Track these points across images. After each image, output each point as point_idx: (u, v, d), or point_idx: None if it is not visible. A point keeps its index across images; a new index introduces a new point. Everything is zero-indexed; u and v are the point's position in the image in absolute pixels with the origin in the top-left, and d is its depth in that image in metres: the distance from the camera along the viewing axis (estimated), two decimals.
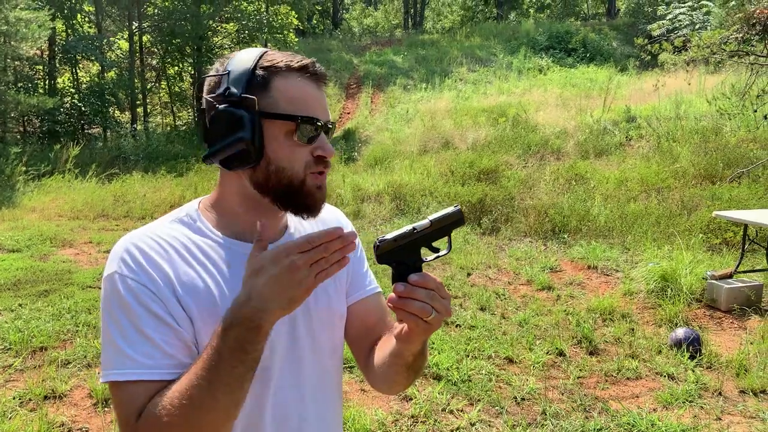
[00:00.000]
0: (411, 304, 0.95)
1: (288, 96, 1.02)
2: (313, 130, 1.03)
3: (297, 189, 1.03)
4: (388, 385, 1.20)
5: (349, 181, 10.26)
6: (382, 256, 0.95)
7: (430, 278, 0.96)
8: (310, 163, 1.03)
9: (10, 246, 7.29)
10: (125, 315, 0.97)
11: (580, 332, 4.63)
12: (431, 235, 0.96)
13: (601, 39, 24.79)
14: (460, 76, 21.08)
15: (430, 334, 1.01)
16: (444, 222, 0.96)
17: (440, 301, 0.96)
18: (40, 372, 3.93)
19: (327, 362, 1.17)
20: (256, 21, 20.45)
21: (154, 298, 0.98)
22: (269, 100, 1.01)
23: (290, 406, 1.10)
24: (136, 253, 1.00)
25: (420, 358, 1.11)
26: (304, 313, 1.11)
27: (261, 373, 1.05)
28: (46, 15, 15.16)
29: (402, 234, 0.95)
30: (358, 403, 3.60)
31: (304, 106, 1.02)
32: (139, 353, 0.95)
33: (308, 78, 1.05)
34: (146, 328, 0.96)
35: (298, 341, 1.11)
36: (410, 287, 0.95)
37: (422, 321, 0.96)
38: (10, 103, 14.78)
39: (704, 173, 8.86)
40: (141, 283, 0.98)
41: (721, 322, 4.95)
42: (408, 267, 0.97)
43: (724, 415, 3.55)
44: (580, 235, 7.46)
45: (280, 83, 1.02)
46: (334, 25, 38.05)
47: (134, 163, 14.30)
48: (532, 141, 11.81)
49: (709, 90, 11.99)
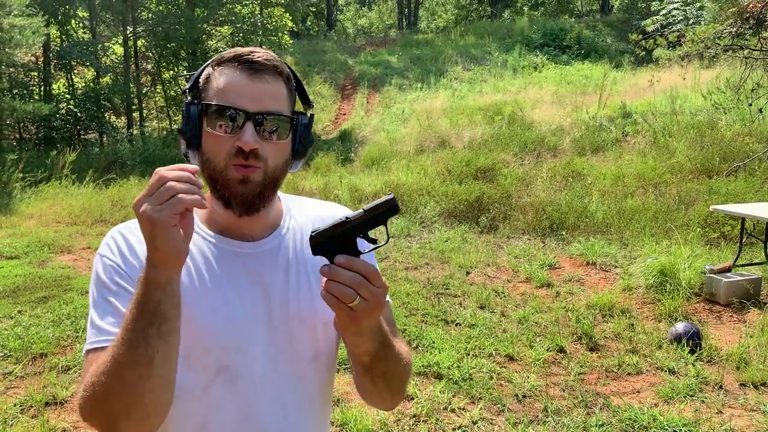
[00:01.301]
0: (333, 287, 0.90)
1: (216, 87, 1.03)
2: (229, 120, 1.00)
3: (219, 180, 1.03)
4: (363, 391, 1.14)
5: (346, 182, 10.26)
6: (316, 247, 0.93)
7: (360, 261, 0.90)
8: (230, 154, 1.00)
9: (9, 253, 7.27)
10: (99, 290, 1.04)
11: (580, 328, 4.63)
12: (365, 224, 0.93)
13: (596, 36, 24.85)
14: (455, 75, 21.10)
15: (359, 324, 0.94)
16: (377, 210, 0.92)
17: (368, 287, 0.90)
18: (40, 378, 3.92)
19: (306, 369, 1.13)
20: (251, 24, 20.44)
21: (125, 277, 1.03)
22: (205, 94, 1.04)
23: (256, 407, 1.08)
24: (119, 239, 1.07)
25: (381, 363, 1.04)
26: (284, 315, 1.09)
27: (221, 371, 1.06)
28: (40, 21, 15.10)
29: (335, 224, 0.92)
30: (359, 403, 3.60)
31: (225, 96, 1.01)
32: (107, 322, 1.00)
33: (239, 68, 1.02)
34: (113, 298, 1.02)
35: (274, 343, 1.09)
36: (334, 268, 0.90)
37: (346, 306, 0.90)
38: (5, 110, 14.75)
39: (701, 168, 8.88)
40: (116, 263, 1.04)
41: (721, 315, 4.96)
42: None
43: (725, 408, 3.56)
44: (578, 231, 7.47)
45: (215, 76, 1.04)
46: (329, 26, 38.04)
47: (131, 168, 14.28)
48: (529, 139, 11.82)
49: (704, 84, 12.03)
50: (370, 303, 0.91)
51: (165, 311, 0.90)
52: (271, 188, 1.06)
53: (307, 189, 10.04)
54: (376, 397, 1.14)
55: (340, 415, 3.42)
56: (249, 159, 1.00)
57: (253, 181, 1.02)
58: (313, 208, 1.24)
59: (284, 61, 1.10)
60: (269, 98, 1.02)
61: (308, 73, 22.32)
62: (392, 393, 1.13)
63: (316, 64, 24.08)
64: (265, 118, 1.01)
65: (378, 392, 1.11)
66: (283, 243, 1.14)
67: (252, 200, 1.03)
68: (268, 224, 1.13)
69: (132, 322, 0.90)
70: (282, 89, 1.05)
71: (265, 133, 1.01)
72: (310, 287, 1.13)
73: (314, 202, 1.27)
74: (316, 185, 10.34)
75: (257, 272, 1.10)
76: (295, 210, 1.21)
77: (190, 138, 1.04)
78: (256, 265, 1.10)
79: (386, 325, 1.04)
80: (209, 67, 1.06)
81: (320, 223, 1.18)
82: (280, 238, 1.14)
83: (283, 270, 1.12)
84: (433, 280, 5.94)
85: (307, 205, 1.24)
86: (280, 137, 1.04)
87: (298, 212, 1.21)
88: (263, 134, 1.01)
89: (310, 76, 22.15)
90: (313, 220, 1.20)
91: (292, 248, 1.14)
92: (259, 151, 1.00)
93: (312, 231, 0.93)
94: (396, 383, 1.12)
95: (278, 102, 1.03)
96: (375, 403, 1.19)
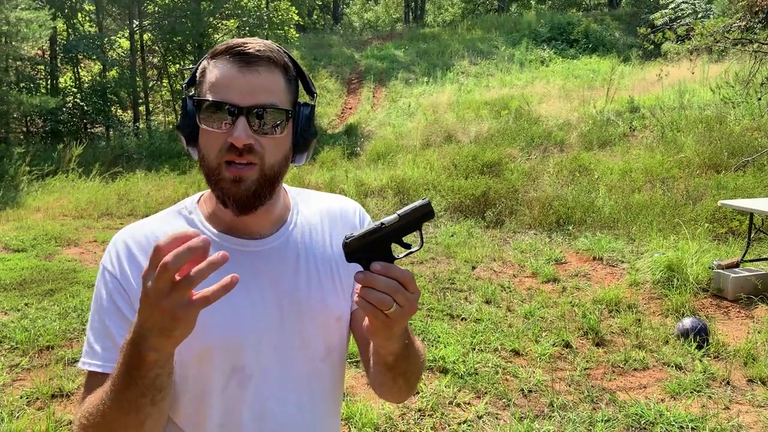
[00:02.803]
0: (369, 294, 0.87)
1: (208, 82, 1.00)
2: (222, 115, 0.97)
3: (213, 178, 1.00)
4: (380, 388, 1.13)
5: (352, 177, 10.25)
6: (350, 254, 0.90)
7: (395, 269, 0.88)
8: (223, 150, 0.97)
9: (16, 246, 7.30)
10: (96, 305, 1.04)
11: (586, 324, 4.62)
12: (400, 230, 0.91)
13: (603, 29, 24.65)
14: (461, 70, 21.01)
15: (393, 329, 0.93)
16: (413, 215, 0.91)
17: (404, 294, 0.88)
18: (47, 371, 3.94)
19: (319, 364, 1.12)
20: (257, 17, 20.41)
21: (122, 292, 1.02)
22: (200, 88, 1.02)
23: (271, 407, 1.07)
24: (121, 249, 1.05)
25: (403, 361, 1.03)
26: (294, 313, 1.08)
27: (235, 372, 1.04)
28: (47, 15, 15.12)
29: (370, 230, 0.90)
30: (365, 397, 3.60)
31: (217, 90, 0.98)
32: (100, 345, 1.00)
33: (231, 60, 0.98)
34: (108, 321, 1.01)
35: (286, 341, 1.07)
36: (369, 275, 0.87)
37: (381, 313, 0.88)
38: (12, 104, 14.79)
39: (709, 162, 8.81)
40: (115, 276, 1.03)
41: (728, 311, 4.92)
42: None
43: (732, 404, 3.54)
44: (585, 226, 7.43)
45: (208, 70, 1.01)
46: (335, 20, 37.95)
47: (137, 162, 14.31)
48: (535, 133, 11.77)
49: (712, 79, 11.93)
50: (405, 309, 0.89)
51: (160, 384, 0.88)
52: (269, 186, 1.02)
53: (312, 183, 10.03)
54: (394, 393, 1.13)
55: (346, 409, 3.42)
56: (243, 155, 0.97)
57: (247, 179, 0.98)
58: (320, 201, 1.21)
59: (290, 53, 1.06)
60: (263, 91, 0.98)
61: (314, 67, 22.28)
62: (409, 388, 1.12)
63: (322, 58, 24.02)
64: (259, 111, 0.97)
65: (397, 389, 1.11)
66: (291, 239, 1.12)
67: (247, 200, 1.00)
68: (274, 220, 1.11)
69: (125, 391, 0.87)
70: (278, 80, 1.00)
71: (260, 127, 0.98)
72: (320, 283, 1.11)
73: (321, 194, 1.24)
74: (321, 179, 10.33)
75: (265, 270, 1.08)
76: (302, 204, 1.18)
77: (187, 135, 1.02)
78: (264, 262, 1.08)
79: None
80: (205, 60, 1.03)
81: (328, 216, 1.17)
82: (288, 234, 1.12)
83: (292, 266, 1.10)
84: (438, 275, 5.92)
85: (314, 198, 1.21)
86: (276, 131, 1.00)
87: (305, 206, 1.18)
88: (258, 129, 0.97)
89: (316, 70, 22.11)
90: (320, 213, 1.18)
91: (300, 243, 1.12)
92: (253, 146, 0.97)
93: (345, 237, 0.91)
94: (413, 379, 1.11)
95: (273, 94, 0.99)
96: (390, 398, 1.18)
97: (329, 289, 1.12)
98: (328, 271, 1.12)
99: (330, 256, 1.14)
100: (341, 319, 1.14)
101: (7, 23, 13.82)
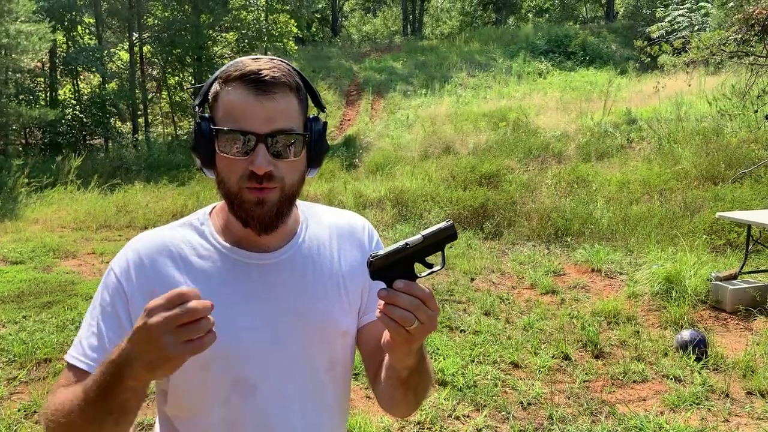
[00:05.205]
0: (392, 311, 0.90)
1: (224, 108, 1.01)
2: (241, 144, 0.98)
3: (234, 202, 1.02)
4: (389, 402, 1.15)
5: (350, 188, 10.26)
6: (375, 273, 0.93)
7: (417, 287, 0.91)
8: (244, 177, 0.99)
9: (14, 258, 7.29)
10: (95, 305, 1.06)
11: (585, 336, 4.61)
12: (424, 251, 0.94)
13: (600, 42, 24.83)
14: (459, 81, 21.11)
15: (413, 345, 0.96)
16: (437, 237, 0.94)
17: (426, 311, 0.91)
18: (45, 384, 3.92)
19: (323, 376, 1.13)
20: (256, 30, 20.52)
21: (123, 298, 1.04)
22: (216, 113, 1.02)
23: (274, 418, 1.08)
24: (132, 257, 1.07)
25: (416, 376, 1.05)
26: (300, 326, 1.09)
27: (238, 384, 1.05)
28: (47, 27, 15.19)
29: (395, 249, 0.93)
30: (363, 410, 3.59)
31: (233, 118, 0.99)
32: (87, 343, 1.02)
33: (247, 86, 0.98)
34: (102, 322, 1.03)
35: (289, 353, 1.08)
36: (393, 292, 0.91)
37: (403, 330, 0.91)
38: (11, 116, 14.82)
39: (706, 174, 8.85)
40: (120, 281, 1.05)
41: (727, 323, 4.92)
42: None
43: (731, 416, 3.53)
44: (583, 238, 7.44)
45: (223, 94, 1.01)
46: (334, 32, 38.13)
47: (136, 173, 14.31)
48: (533, 145, 11.81)
49: (709, 91, 11.99)
50: (425, 326, 0.92)
51: (128, 408, 0.91)
52: (288, 205, 1.05)
53: (311, 195, 10.04)
54: (402, 407, 1.15)
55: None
56: (263, 182, 0.99)
57: (269, 201, 1.01)
58: (329, 216, 1.22)
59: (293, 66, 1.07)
60: (280, 116, 0.99)
61: (313, 79, 22.34)
62: (417, 403, 1.14)
63: (320, 70, 24.13)
64: (277, 137, 0.99)
65: (406, 403, 1.12)
66: (300, 252, 1.13)
67: (269, 221, 1.03)
68: (284, 234, 1.12)
69: (94, 403, 0.90)
70: (292, 103, 1.02)
71: (279, 152, 1.00)
72: (327, 297, 1.12)
73: (331, 210, 1.25)
74: (320, 191, 10.34)
75: (273, 283, 1.09)
76: (311, 218, 1.19)
77: (203, 157, 1.03)
78: (272, 275, 1.09)
79: None
80: (216, 83, 1.03)
81: (337, 232, 1.19)
82: (297, 248, 1.13)
83: (299, 280, 1.11)
84: (437, 286, 5.92)
85: (323, 214, 1.22)
86: (294, 154, 1.02)
87: (315, 221, 1.19)
88: (276, 154, 0.99)
89: (315, 82, 22.19)
90: (329, 228, 1.19)
91: (308, 258, 1.13)
92: (273, 172, 0.99)
93: (371, 255, 0.94)
94: (422, 394, 1.13)
95: (290, 118, 1.01)
96: (397, 413, 1.19)
97: (336, 304, 1.13)
98: (335, 286, 1.13)
99: (338, 271, 1.15)
100: (347, 334, 1.15)
101: (7, 36, 13.88)
